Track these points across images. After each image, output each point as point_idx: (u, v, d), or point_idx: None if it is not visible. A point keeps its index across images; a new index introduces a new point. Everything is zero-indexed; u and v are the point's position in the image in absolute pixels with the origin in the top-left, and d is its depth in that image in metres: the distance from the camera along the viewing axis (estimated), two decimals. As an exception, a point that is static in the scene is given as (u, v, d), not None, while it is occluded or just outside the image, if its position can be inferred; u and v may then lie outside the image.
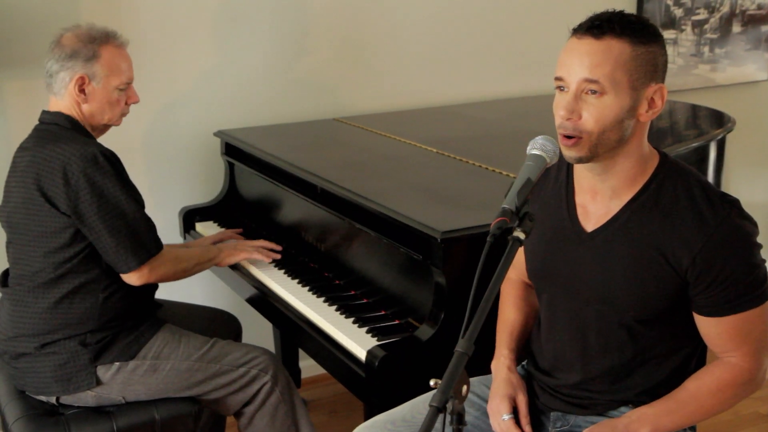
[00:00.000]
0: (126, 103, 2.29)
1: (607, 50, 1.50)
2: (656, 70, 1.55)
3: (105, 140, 2.36)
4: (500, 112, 3.31)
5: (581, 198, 1.69)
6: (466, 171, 2.48)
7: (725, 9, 3.99)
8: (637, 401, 1.69)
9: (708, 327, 1.62)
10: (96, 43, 2.21)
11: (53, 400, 2.20)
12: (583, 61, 1.51)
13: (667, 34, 3.88)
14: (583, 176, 1.67)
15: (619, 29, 1.51)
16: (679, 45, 3.92)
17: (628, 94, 1.52)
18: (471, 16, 3.45)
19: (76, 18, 2.79)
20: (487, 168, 2.46)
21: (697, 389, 1.64)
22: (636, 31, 1.52)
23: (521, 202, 1.42)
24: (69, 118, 2.22)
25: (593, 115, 1.52)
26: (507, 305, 1.91)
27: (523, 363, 1.90)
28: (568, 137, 1.54)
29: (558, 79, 1.55)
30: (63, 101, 2.22)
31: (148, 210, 2.59)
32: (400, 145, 2.80)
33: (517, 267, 1.89)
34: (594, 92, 1.51)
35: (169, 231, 3.02)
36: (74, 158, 2.10)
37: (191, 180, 3.11)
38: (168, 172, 3.07)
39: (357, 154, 2.73)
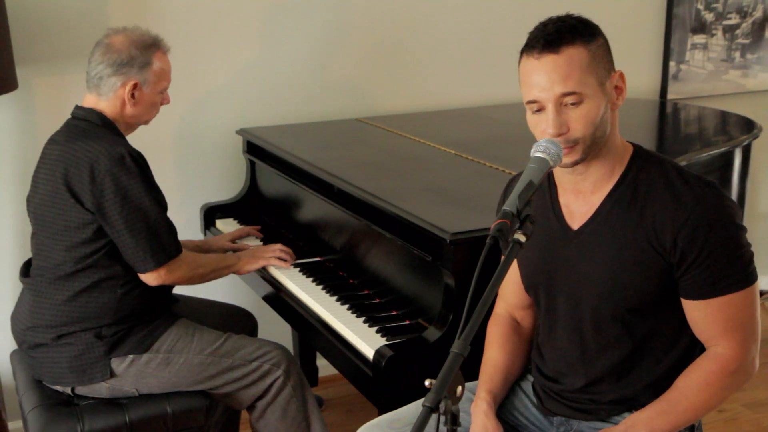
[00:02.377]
0: (160, 104, 2.35)
1: (569, 61, 1.54)
2: (609, 59, 1.60)
3: (136, 136, 2.39)
4: (524, 115, 3.29)
5: (565, 198, 1.72)
6: (482, 173, 2.47)
7: (758, 14, 3.93)
8: (642, 400, 1.68)
9: (694, 311, 1.61)
10: (149, 50, 2.25)
11: (69, 390, 2.24)
12: (553, 78, 1.54)
13: (698, 39, 3.84)
14: (564, 178, 1.70)
15: (570, 37, 1.55)
16: (709, 50, 3.88)
17: (600, 91, 1.56)
18: (500, 20, 3.44)
19: (103, 13, 2.84)
20: (504, 171, 2.46)
21: (686, 386, 1.63)
22: (582, 32, 1.56)
23: (522, 204, 1.42)
24: (101, 116, 2.25)
25: (581, 123, 1.55)
26: (491, 344, 1.87)
27: (529, 367, 1.90)
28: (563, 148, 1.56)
29: (532, 102, 1.58)
30: (106, 101, 2.25)
31: (174, 206, 2.61)
32: (419, 146, 2.80)
33: (506, 297, 1.89)
34: (573, 103, 1.54)
35: (191, 227, 3.06)
36: (102, 157, 2.13)
37: (215, 177, 3.14)
38: (194, 169, 3.10)
39: (376, 155, 2.74)
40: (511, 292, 1.87)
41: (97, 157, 2.13)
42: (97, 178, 2.13)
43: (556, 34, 1.54)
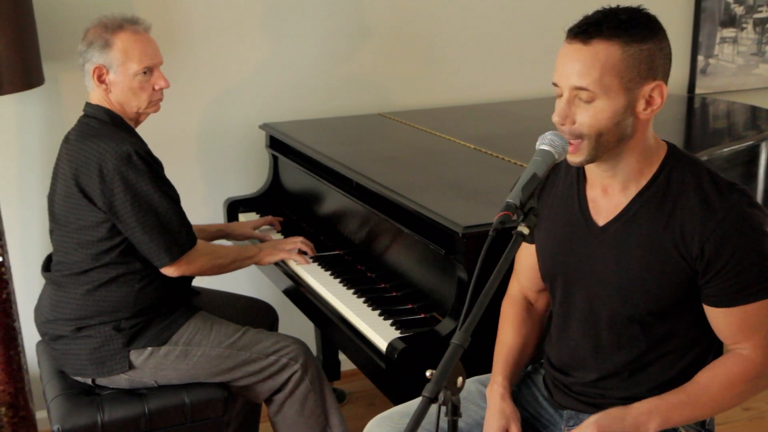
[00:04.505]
0: (154, 89, 2.29)
1: (594, 56, 1.50)
2: (652, 68, 1.53)
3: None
4: (546, 109, 3.28)
5: (592, 193, 1.69)
6: (499, 168, 2.47)
7: (790, 7, 3.87)
8: (649, 396, 1.66)
9: (717, 318, 1.59)
10: (108, 31, 2.24)
11: (89, 381, 2.28)
12: (572, 68, 1.51)
13: (727, 33, 3.78)
14: (593, 172, 1.67)
15: (608, 32, 1.50)
16: (739, 44, 3.82)
17: (621, 95, 1.51)
18: (521, 15, 3.43)
19: (129, 10, 2.86)
20: (522, 165, 2.45)
21: (709, 383, 1.61)
22: (627, 30, 1.50)
23: (526, 197, 1.42)
24: (108, 112, 2.27)
25: (587, 120, 1.52)
26: (505, 326, 1.87)
27: (542, 360, 1.89)
28: (569, 143, 1.54)
29: (554, 84, 1.56)
30: (95, 93, 2.28)
31: (198, 199, 2.63)
32: (440, 141, 2.80)
33: (521, 279, 1.88)
34: (585, 98, 1.51)
35: (214, 220, 3.08)
36: (109, 156, 2.16)
37: (239, 171, 3.17)
38: (218, 163, 3.13)
39: (396, 150, 2.75)
40: (526, 276, 1.86)
41: (105, 157, 2.15)
42: (106, 178, 2.15)
43: (594, 25, 1.50)
